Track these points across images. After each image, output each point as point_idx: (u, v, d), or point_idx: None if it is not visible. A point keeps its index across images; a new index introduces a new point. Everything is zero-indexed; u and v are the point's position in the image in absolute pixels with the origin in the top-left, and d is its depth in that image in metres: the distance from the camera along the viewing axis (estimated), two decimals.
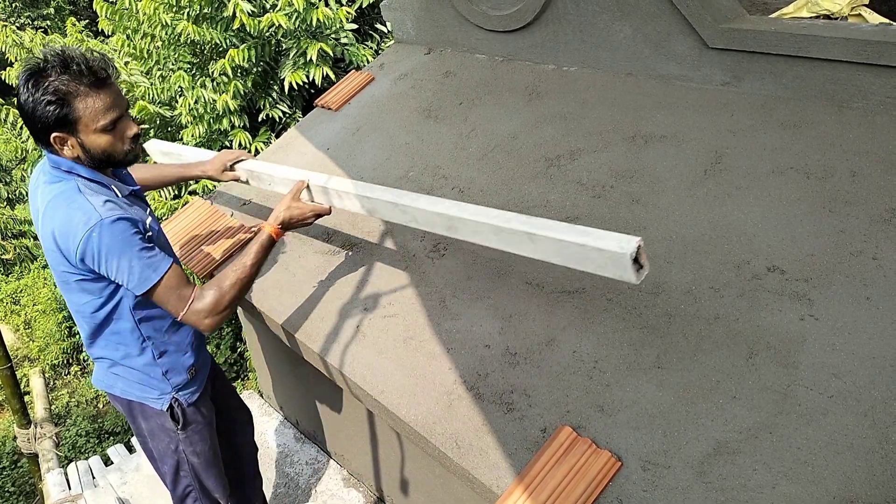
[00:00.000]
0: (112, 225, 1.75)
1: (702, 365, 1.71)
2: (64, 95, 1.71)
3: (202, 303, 1.87)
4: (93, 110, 1.75)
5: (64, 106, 1.72)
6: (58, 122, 1.74)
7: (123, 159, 1.86)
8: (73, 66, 1.71)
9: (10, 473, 7.88)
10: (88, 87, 1.73)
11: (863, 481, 1.40)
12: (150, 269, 1.80)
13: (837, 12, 2.80)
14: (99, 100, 1.75)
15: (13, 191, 9.42)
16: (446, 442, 1.82)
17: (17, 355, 9.94)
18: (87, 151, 1.81)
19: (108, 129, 1.78)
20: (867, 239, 1.78)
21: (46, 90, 1.70)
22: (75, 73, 1.71)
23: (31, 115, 1.74)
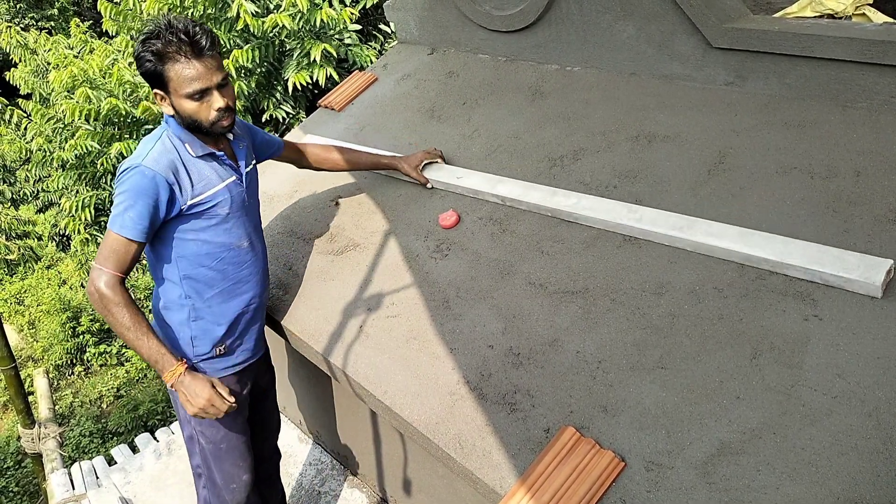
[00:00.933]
0: (143, 174, 1.90)
1: (705, 365, 1.71)
2: (159, 57, 1.86)
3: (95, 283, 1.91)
4: (181, 76, 1.88)
5: (157, 66, 1.88)
6: (152, 79, 1.92)
7: (210, 128, 1.97)
8: (173, 32, 1.86)
9: (15, 473, 7.90)
10: (181, 55, 1.86)
11: (867, 482, 1.40)
12: (118, 217, 1.90)
13: (841, 12, 2.79)
14: (189, 68, 1.88)
15: (17, 191, 9.45)
16: (449, 442, 1.82)
17: (21, 355, 9.96)
18: (178, 112, 1.95)
19: (194, 97, 1.91)
20: (871, 239, 1.78)
21: (148, 49, 1.87)
22: (173, 39, 1.86)
23: (140, 70, 1.93)
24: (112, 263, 1.91)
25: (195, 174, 2.00)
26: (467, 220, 2.40)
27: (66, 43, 6.96)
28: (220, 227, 2.07)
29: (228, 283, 2.13)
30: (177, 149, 1.98)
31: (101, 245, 1.94)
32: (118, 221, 1.90)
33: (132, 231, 1.90)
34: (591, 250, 2.11)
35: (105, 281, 1.90)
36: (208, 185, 2.02)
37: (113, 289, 1.90)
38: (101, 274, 1.91)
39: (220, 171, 2.06)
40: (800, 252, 1.78)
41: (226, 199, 2.06)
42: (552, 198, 2.27)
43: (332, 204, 2.75)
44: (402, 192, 2.63)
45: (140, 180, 1.90)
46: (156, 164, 1.92)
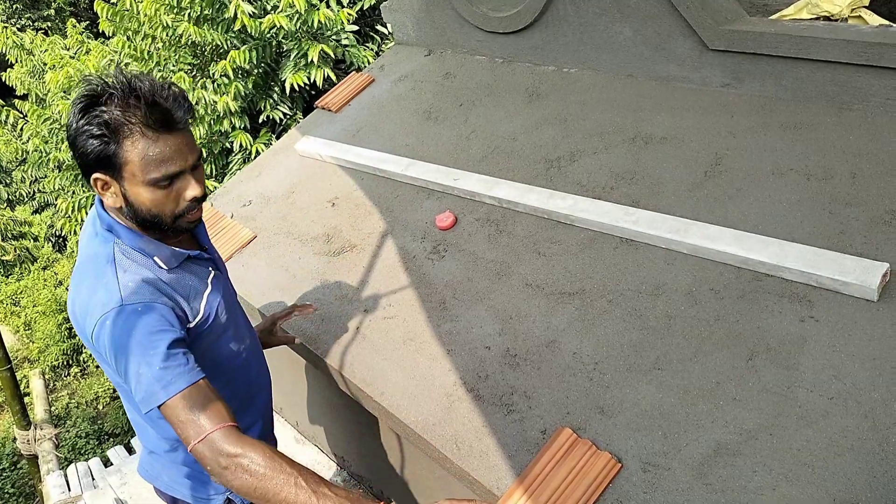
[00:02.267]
0: (131, 315, 1.41)
1: (702, 366, 1.71)
2: (112, 131, 1.39)
3: (218, 450, 1.36)
4: (144, 157, 1.40)
5: (110, 144, 1.39)
6: (99, 162, 1.41)
7: (172, 225, 1.50)
8: (134, 97, 1.39)
9: (10, 475, 7.88)
10: (146, 128, 1.39)
11: (863, 483, 1.40)
12: (159, 385, 1.38)
13: (837, 14, 2.80)
14: (156, 146, 1.40)
15: (13, 192, 9.43)
16: (446, 443, 1.82)
17: (17, 357, 9.94)
18: (130, 205, 1.46)
19: (160, 184, 1.43)
20: (867, 240, 1.78)
21: (93, 120, 1.38)
22: (134, 105, 1.39)
23: (73, 145, 1.44)
24: (211, 419, 1.37)
25: (180, 290, 1.53)
26: (464, 222, 2.40)
27: (62, 44, 6.95)
28: (224, 338, 1.66)
29: (241, 394, 1.74)
30: (144, 267, 1.49)
31: (176, 423, 1.39)
32: (157, 386, 1.38)
33: (191, 373, 1.41)
34: (587, 252, 2.11)
35: (223, 439, 1.35)
36: (198, 296, 1.57)
37: (242, 440, 1.36)
38: (210, 441, 1.35)
39: (199, 271, 1.61)
40: (796, 255, 1.79)
41: (220, 303, 1.62)
42: (549, 200, 2.27)
43: (329, 205, 2.75)
44: (399, 194, 2.63)
45: (136, 321, 1.41)
46: (140, 295, 1.43)
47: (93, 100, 1.40)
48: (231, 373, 1.69)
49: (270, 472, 1.33)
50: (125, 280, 1.45)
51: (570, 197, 2.25)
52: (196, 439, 1.36)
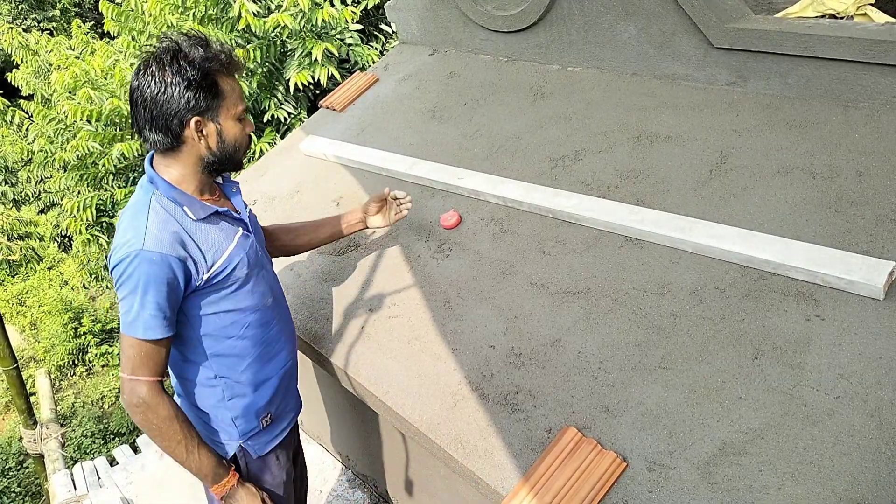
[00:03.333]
0: (144, 261, 1.60)
1: (707, 365, 1.71)
2: (205, 76, 1.61)
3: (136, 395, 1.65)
4: (234, 94, 1.68)
5: (213, 86, 1.63)
6: (203, 105, 1.63)
7: (242, 158, 1.78)
8: (214, 47, 1.64)
9: (17, 474, 7.92)
10: (228, 71, 1.66)
11: (869, 482, 1.40)
12: (136, 321, 1.62)
13: (843, 11, 2.78)
14: (236, 85, 1.69)
15: (19, 192, 9.46)
16: (451, 442, 1.82)
17: (23, 356, 9.98)
18: (222, 141, 1.69)
19: (240, 118, 1.71)
20: (873, 239, 1.78)
21: (185, 71, 1.59)
22: (216, 53, 1.64)
23: (170, 100, 1.60)
24: (148, 370, 1.65)
25: (203, 241, 1.70)
26: (469, 221, 2.40)
27: (67, 44, 6.97)
28: (242, 291, 1.79)
29: (260, 347, 1.87)
30: (174, 216, 1.67)
31: (124, 353, 1.66)
32: (139, 325, 1.62)
33: (159, 330, 1.64)
34: (592, 251, 2.11)
35: (147, 391, 1.65)
36: (220, 249, 1.73)
37: (157, 397, 1.65)
38: (137, 385, 1.65)
39: (227, 228, 1.77)
40: (801, 254, 1.78)
41: (242, 259, 1.77)
42: (553, 198, 2.27)
43: (334, 204, 2.75)
44: (404, 192, 2.63)
45: (149, 269, 1.60)
46: (159, 244, 1.61)
47: (179, 54, 1.61)
48: (248, 325, 1.84)
49: (164, 428, 1.68)
50: (152, 227, 1.63)
51: (574, 196, 2.25)
52: (127, 375, 1.66)
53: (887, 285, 1.65)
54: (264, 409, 1.91)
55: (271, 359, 1.92)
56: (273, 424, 1.96)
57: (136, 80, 1.64)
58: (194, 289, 1.70)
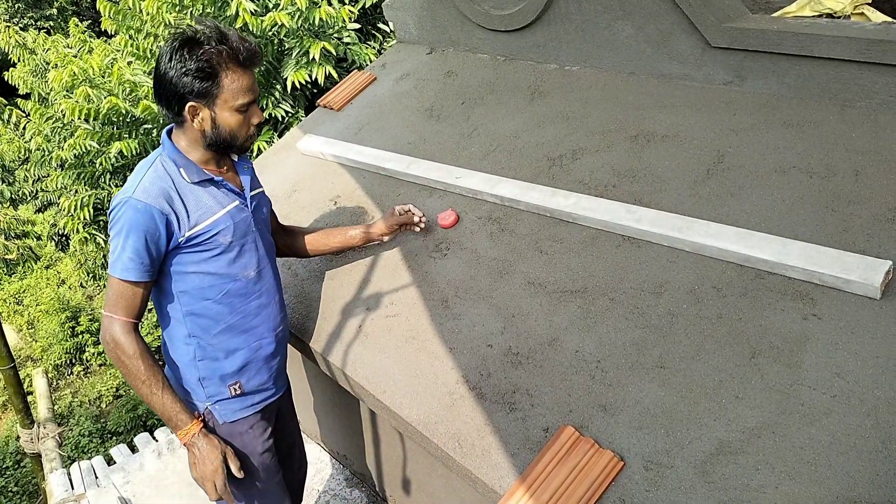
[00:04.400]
0: (130, 208, 1.78)
1: (704, 364, 1.71)
2: (214, 66, 1.75)
3: (108, 332, 1.82)
4: (235, 88, 1.80)
5: (211, 77, 1.76)
6: (198, 92, 1.77)
7: (242, 144, 1.91)
8: (229, 41, 1.77)
9: (14, 473, 7.91)
10: (237, 65, 1.78)
11: (866, 481, 1.40)
12: (119, 263, 1.79)
13: (840, 11, 2.79)
14: (244, 79, 1.80)
15: (16, 191, 9.44)
16: (448, 442, 1.82)
17: (20, 355, 9.96)
18: (216, 127, 1.84)
19: (241, 111, 1.83)
20: (870, 238, 1.78)
21: (199, 58, 1.74)
22: (229, 48, 1.77)
23: (172, 81, 1.77)
24: (122, 310, 1.81)
25: (191, 202, 1.85)
26: (466, 220, 2.40)
27: (64, 42, 6.96)
28: (224, 258, 1.92)
29: (236, 316, 1.97)
30: (170, 175, 1.84)
31: (107, 292, 1.83)
32: (118, 265, 1.78)
33: (135, 272, 1.79)
34: (589, 250, 2.11)
35: (118, 329, 1.80)
36: (207, 212, 1.87)
37: (127, 336, 1.80)
38: (112, 322, 1.81)
39: (220, 196, 1.91)
40: (798, 253, 1.78)
41: (228, 227, 1.90)
42: (551, 198, 2.27)
43: (331, 203, 2.75)
44: (402, 192, 2.63)
45: (133, 215, 1.77)
46: (146, 195, 1.78)
47: (190, 42, 1.75)
48: (227, 292, 1.96)
49: (130, 366, 1.81)
50: (146, 181, 1.81)
51: (572, 195, 2.25)
52: (105, 312, 1.82)
53: (884, 284, 1.65)
54: (232, 377, 1.99)
55: (245, 331, 2.01)
56: (244, 396, 2.03)
57: (158, 56, 1.81)
58: (176, 245, 1.85)
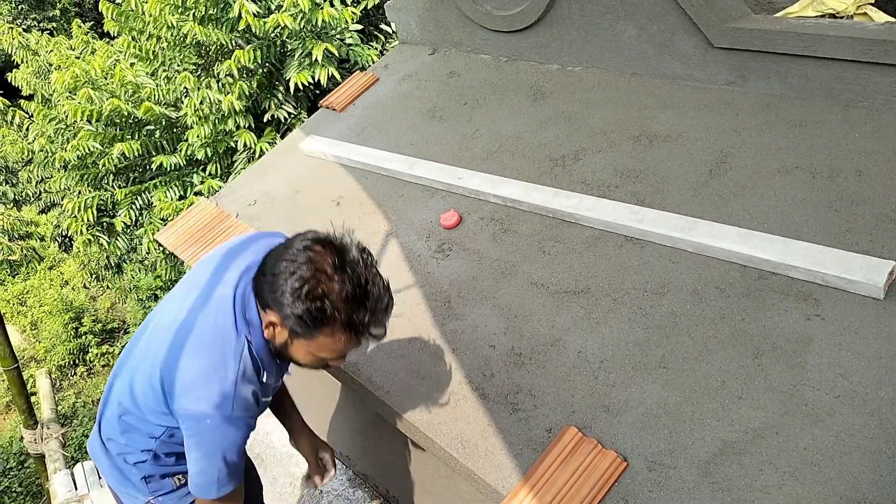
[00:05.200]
0: (230, 427, 1.56)
1: (708, 365, 1.71)
2: (322, 318, 1.47)
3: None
4: (329, 347, 1.54)
5: (314, 324, 1.48)
6: (291, 321, 1.49)
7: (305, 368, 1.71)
8: (362, 306, 1.49)
9: (17, 474, 7.92)
10: (348, 333, 1.51)
11: (870, 482, 1.40)
12: (215, 483, 1.62)
13: (843, 11, 2.78)
14: (342, 347, 1.54)
15: (20, 192, 9.46)
16: (451, 442, 1.82)
17: (23, 356, 9.98)
18: (284, 349, 1.59)
19: (318, 362, 1.63)
20: (873, 238, 1.78)
21: (315, 299, 1.45)
22: (354, 311, 1.48)
23: (277, 284, 1.49)
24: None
25: (264, 397, 1.70)
26: (469, 221, 2.40)
27: (67, 44, 6.97)
28: None
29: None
30: (257, 374, 1.61)
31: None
32: (214, 484, 1.62)
33: (232, 481, 1.64)
34: (592, 250, 2.11)
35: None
36: (264, 406, 1.76)
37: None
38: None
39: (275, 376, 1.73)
40: (802, 253, 1.78)
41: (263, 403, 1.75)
42: (554, 198, 2.27)
43: (334, 204, 2.75)
44: (404, 193, 2.64)
45: (234, 432, 1.58)
46: (244, 410, 1.57)
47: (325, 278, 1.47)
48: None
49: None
50: (241, 392, 1.56)
51: (574, 195, 2.25)
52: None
53: (887, 285, 1.65)
54: (176, 471, 1.87)
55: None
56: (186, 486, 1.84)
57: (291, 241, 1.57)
58: None
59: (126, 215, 5.39)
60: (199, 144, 4.96)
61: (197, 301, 1.63)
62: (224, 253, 1.74)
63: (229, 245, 1.78)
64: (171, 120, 5.26)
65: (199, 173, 5.30)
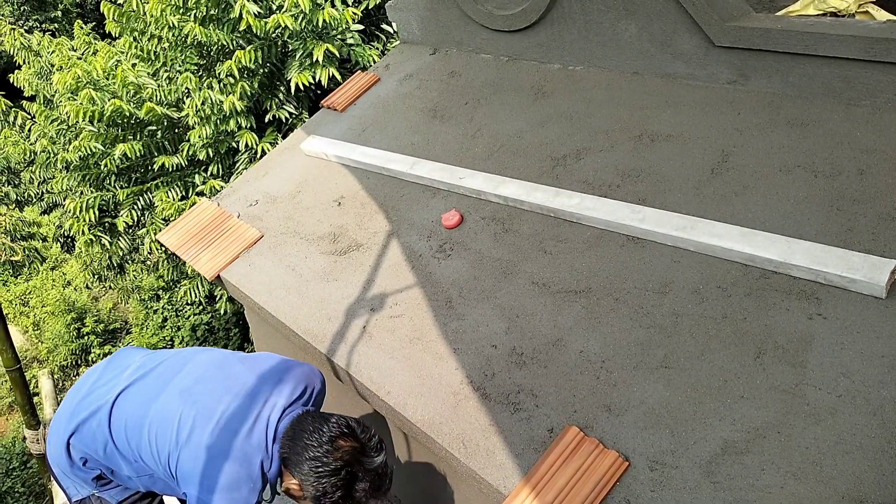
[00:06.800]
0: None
1: (709, 364, 1.70)
2: (353, 500, 1.77)
3: None
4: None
5: (342, 501, 1.77)
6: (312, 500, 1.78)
7: None
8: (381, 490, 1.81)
9: (20, 474, 7.92)
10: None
11: (872, 481, 1.39)
12: None
13: (844, 9, 2.77)
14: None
15: (22, 193, 9.47)
16: (453, 442, 1.82)
17: (26, 357, 9.99)
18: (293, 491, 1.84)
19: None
20: (875, 237, 1.77)
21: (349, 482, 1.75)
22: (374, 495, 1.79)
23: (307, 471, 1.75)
24: None
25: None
26: (470, 220, 2.40)
27: (69, 45, 6.97)
28: None
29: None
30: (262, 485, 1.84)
31: None
32: None
33: None
34: (594, 250, 2.10)
35: None
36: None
37: None
38: None
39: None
40: (803, 252, 1.78)
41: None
42: (555, 198, 2.26)
43: (335, 204, 2.75)
44: (405, 193, 2.64)
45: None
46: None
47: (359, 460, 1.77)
48: None
49: None
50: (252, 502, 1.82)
51: (576, 195, 2.24)
52: None
53: (889, 284, 1.64)
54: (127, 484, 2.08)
55: None
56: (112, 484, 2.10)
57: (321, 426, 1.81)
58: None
59: (128, 216, 5.39)
60: (201, 145, 4.96)
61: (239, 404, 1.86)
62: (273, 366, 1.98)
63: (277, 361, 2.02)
64: (172, 120, 5.26)
65: (200, 174, 5.30)
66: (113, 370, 2.04)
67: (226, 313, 6.58)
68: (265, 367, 1.97)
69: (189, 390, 1.89)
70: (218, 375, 1.92)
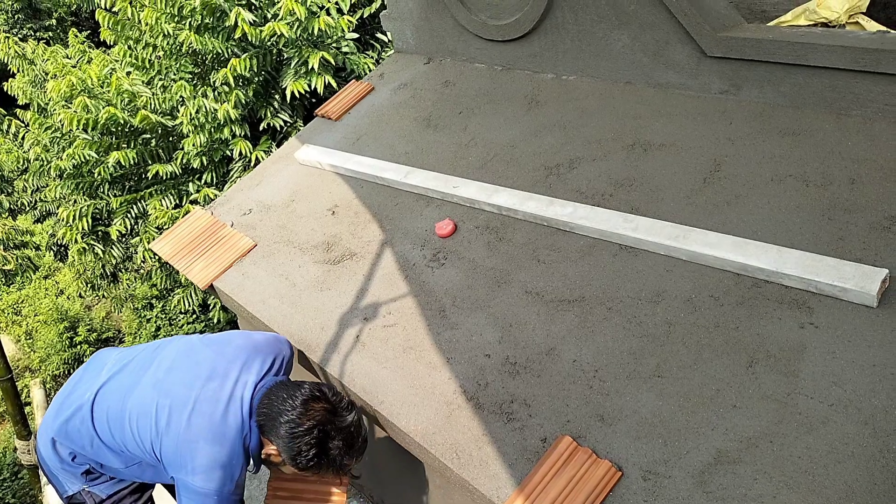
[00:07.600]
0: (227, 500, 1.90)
1: (702, 374, 1.71)
2: (323, 460, 1.87)
3: None
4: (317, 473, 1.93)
5: (317, 459, 1.86)
6: (290, 461, 1.88)
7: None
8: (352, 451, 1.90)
9: (11, 485, 7.87)
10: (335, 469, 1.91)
11: (864, 490, 1.39)
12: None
13: (835, 20, 2.80)
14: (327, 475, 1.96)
15: (15, 201, 9.43)
16: (446, 452, 1.81)
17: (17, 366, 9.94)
18: (274, 465, 1.97)
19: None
20: (866, 246, 1.78)
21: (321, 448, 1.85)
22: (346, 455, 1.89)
23: (283, 435, 1.85)
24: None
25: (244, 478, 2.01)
26: (463, 229, 2.40)
27: (63, 53, 6.97)
28: None
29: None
30: (244, 469, 1.95)
31: None
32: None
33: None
34: (587, 259, 2.11)
35: None
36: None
37: None
38: None
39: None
40: (795, 261, 1.78)
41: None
42: (548, 207, 2.27)
43: (329, 213, 2.75)
44: (399, 202, 2.64)
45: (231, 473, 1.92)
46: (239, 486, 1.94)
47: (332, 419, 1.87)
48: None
49: None
50: (237, 478, 1.91)
51: (569, 204, 2.25)
52: None
53: (880, 293, 1.65)
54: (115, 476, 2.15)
55: None
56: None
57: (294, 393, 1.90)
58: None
59: (121, 224, 5.38)
60: (195, 153, 4.95)
61: (210, 387, 1.93)
62: (239, 344, 2.06)
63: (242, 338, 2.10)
64: (167, 128, 5.26)
65: (194, 182, 5.30)
66: (92, 370, 2.12)
67: (219, 322, 6.56)
68: (231, 347, 2.05)
69: (161, 381, 1.97)
70: (186, 363, 2.00)
